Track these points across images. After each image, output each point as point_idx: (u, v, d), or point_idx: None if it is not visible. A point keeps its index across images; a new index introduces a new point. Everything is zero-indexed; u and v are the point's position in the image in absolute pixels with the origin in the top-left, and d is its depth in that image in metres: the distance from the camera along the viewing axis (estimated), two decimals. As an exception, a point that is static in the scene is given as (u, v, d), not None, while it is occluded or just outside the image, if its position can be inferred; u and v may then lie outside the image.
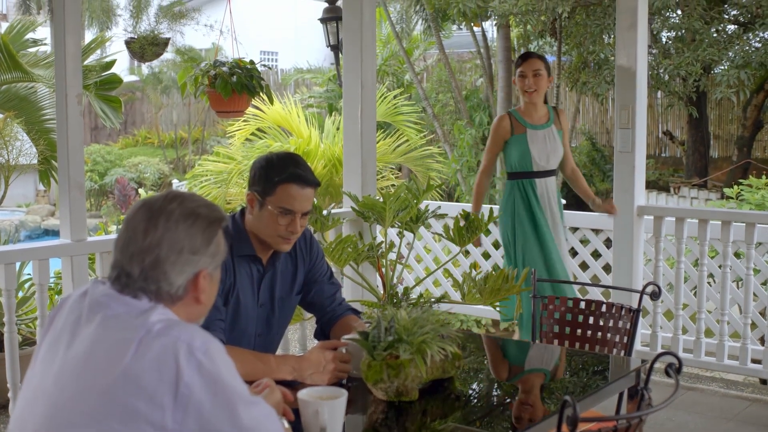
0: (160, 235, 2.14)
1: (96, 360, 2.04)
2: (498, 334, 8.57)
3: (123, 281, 2.15)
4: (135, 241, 2.15)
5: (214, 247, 2.22)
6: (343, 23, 6.09)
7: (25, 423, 2.10)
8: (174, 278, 2.15)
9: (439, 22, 13.07)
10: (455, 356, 2.99)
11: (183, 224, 2.17)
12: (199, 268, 2.19)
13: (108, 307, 2.12)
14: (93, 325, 2.10)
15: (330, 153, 9.92)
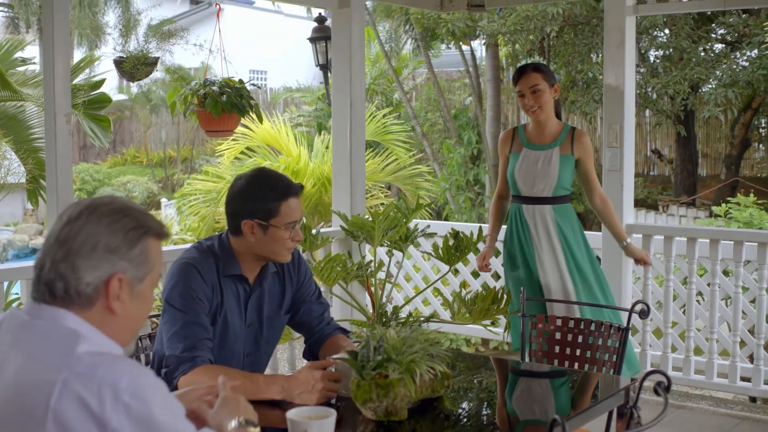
0: (79, 227, 1.98)
1: (22, 402, 1.87)
2: (487, 352, 8.57)
3: (35, 279, 2.00)
4: (54, 233, 2.00)
5: (138, 254, 2.02)
6: (332, 43, 6.10)
7: None
8: (83, 274, 1.96)
9: (428, 41, 13.12)
10: (444, 375, 2.98)
11: (106, 219, 2.00)
12: (114, 270, 1.98)
13: (28, 331, 1.96)
14: (17, 359, 1.94)
15: (319, 172, 9.92)
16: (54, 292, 1.96)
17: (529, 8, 10.40)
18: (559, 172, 5.06)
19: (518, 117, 13.55)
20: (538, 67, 5.14)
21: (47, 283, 1.97)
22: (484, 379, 3.47)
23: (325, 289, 5.69)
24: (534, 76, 5.08)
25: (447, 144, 13.66)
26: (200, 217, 10.61)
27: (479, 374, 3.54)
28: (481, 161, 13.58)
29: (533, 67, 5.14)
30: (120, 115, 21.99)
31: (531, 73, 5.09)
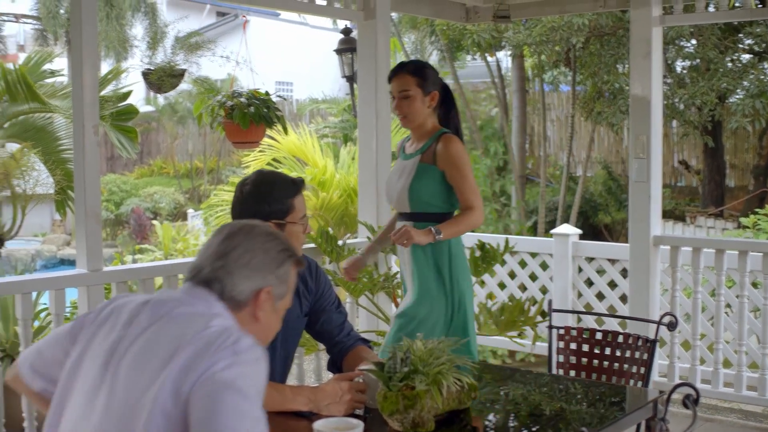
0: (238, 242, 2.29)
1: (154, 351, 2.09)
2: (514, 364, 8.53)
3: (193, 275, 2.28)
4: (213, 245, 2.31)
5: (284, 273, 2.33)
6: (358, 54, 6.12)
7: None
8: (239, 282, 2.25)
9: (454, 52, 13.12)
10: (471, 387, 2.97)
11: (261, 238, 2.32)
12: (265, 284, 2.28)
13: (172, 309, 2.19)
14: (155, 325, 2.16)
15: (345, 183, 9.93)
16: (212, 290, 2.24)
17: (554, 19, 10.38)
18: (413, 184, 4.33)
19: (544, 128, 13.52)
20: (416, 70, 4.37)
21: (206, 281, 2.25)
22: (510, 390, 3.46)
23: (352, 300, 5.69)
24: (406, 79, 4.34)
25: (473, 155, 13.64)
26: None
27: (506, 386, 3.52)
28: (507, 172, 13.56)
29: (412, 68, 4.39)
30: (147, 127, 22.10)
31: (404, 75, 4.35)
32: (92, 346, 2.21)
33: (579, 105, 12.04)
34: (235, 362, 2.02)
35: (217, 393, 1.98)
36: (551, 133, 15.49)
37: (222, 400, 1.97)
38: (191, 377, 2.01)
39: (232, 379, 2.00)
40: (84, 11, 4.46)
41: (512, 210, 13.16)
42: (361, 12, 5.94)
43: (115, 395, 2.08)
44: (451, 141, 4.32)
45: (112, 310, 2.28)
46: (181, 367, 2.02)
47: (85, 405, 2.12)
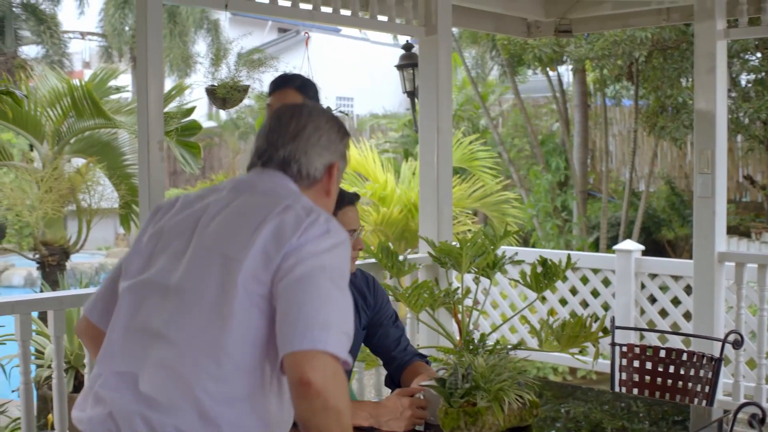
0: (305, 121, 2.33)
1: (245, 216, 2.17)
2: (575, 381, 8.46)
3: (264, 159, 2.32)
4: (280, 128, 2.34)
5: (344, 148, 2.40)
6: (419, 69, 6.13)
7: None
8: (314, 159, 2.31)
9: (515, 66, 13.08)
10: (533, 404, 2.95)
11: (324, 117, 2.37)
12: (335, 159, 2.36)
13: (254, 185, 2.28)
14: (238, 198, 2.23)
15: (406, 198, 9.94)
16: (285, 171, 2.30)
17: (617, 33, 10.31)
18: None
19: (606, 143, 13.41)
20: (302, 87, 3.88)
21: (281, 163, 2.30)
22: (571, 408, 3.43)
23: (412, 316, 5.69)
24: (291, 94, 3.82)
25: (534, 170, 13.58)
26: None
27: (567, 403, 3.50)
28: (568, 187, 13.48)
29: (298, 83, 3.88)
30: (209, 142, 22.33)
31: (288, 90, 3.85)
32: (167, 230, 2.27)
33: (642, 119, 11.93)
34: (329, 245, 2.09)
35: (309, 273, 2.02)
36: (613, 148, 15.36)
37: (313, 282, 2.01)
38: (283, 247, 2.07)
39: (324, 263, 2.05)
40: (149, 28, 4.53)
41: (574, 225, 13.06)
42: (423, 27, 5.96)
43: (200, 252, 2.16)
44: None
45: (182, 203, 2.34)
46: (272, 233, 2.09)
47: (168, 271, 2.19)
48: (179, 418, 2.01)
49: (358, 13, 5.57)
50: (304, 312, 1.97)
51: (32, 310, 4.48)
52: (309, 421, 1.91)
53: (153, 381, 2.06)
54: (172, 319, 2.10)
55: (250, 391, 2.05)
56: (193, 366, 2.03)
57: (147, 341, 2.12)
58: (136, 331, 2.16)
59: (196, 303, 2.09)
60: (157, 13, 4.57)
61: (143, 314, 2.16)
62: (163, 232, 2.26)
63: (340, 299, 2.04)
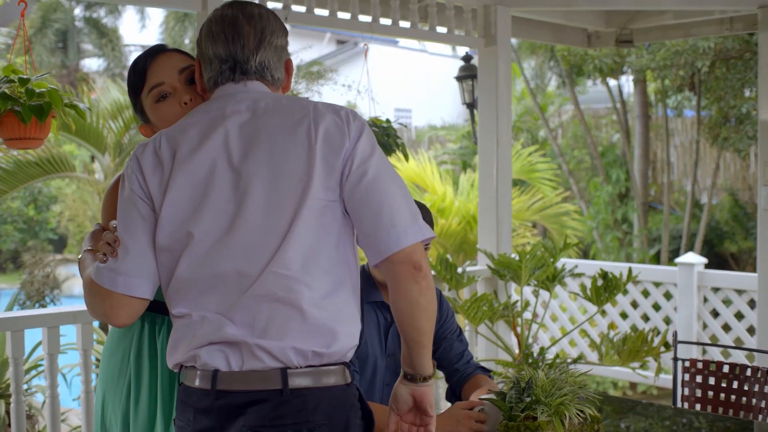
0: (263, 25, 2.36)
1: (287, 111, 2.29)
2: (635, 396, 8.37)
3: (241, 71, 2.35)
4: (242, 36, 2.34)
5: (287, 41, 2.44)
6: (479, 81, 6.12)
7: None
8: (277, 63, 2.39)
9: (574, 77, 13.01)
10: (594, 419, 2.91)
11: (271, 15, 2.39)
12: (287, 55, 2.43)
13: (261, 102, 2.31)
14: (261, 121, 2.28)
15: (464, 210, 9.92)
16: (264, 79, 2.37)
17: (678, 43, 10.21)
18: None
19: (668, 154, 13.28)
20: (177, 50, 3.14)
21: (256, 72, 2.35)
22: (632, 424, 3.38)
23: (471, 329, 5.67)
24: (172, 57, 3.49)
25: (594, 182, 13.48)
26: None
27: (627, 419, 3.45)
28: (629, 199, 13.36)
29: (160, 49, 3.06)
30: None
31: (166, 56, 3.40)
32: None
33: (704, 130, 11.79)
34: (371, 140, 2.28)
35: (377, 174, 2.23)
36: (675, 160, 15.18)
37: (384, 181, 2.24)
38: (340, 153, 2.22)
39: (378, 159, 2.26)
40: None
41: (634, 238, 12.93)
42: (482, 39, 5.94)
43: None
44: None
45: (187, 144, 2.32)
46: (323, 142, 2.22)
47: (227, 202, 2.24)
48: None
49: (417, 25, 5.57)
50: (395, 210, 2.21)
51: (93, 319, 4.54)
52: (419, 298, 2.22)
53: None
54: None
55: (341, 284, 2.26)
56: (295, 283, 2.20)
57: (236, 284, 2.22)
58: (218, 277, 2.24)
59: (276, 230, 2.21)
60: (217, 26, 4.61)
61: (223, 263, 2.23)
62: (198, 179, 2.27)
63: (402, 184, 2.29)
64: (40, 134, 3.50)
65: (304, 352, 2.18)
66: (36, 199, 16.70)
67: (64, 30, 18.50)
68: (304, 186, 2.19)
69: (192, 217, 2.22)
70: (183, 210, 2.23)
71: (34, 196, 16.65)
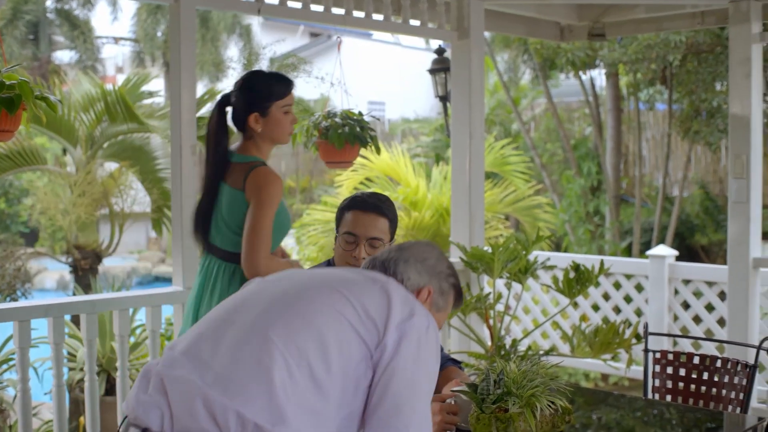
0: (417, 245, 2.65)
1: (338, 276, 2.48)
2: (607, 388, 8.41)
3: (370, 262, 2.61)
4: (395, 245, 2.66)
5: (447, 289, 2.63)
6: (452, 74, 6.12)
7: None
8: (410, 272, 2.56)
9: (547, 71, 13.04)
10: (565, 410, 2.93)
11: (438, 251, 2.66)
12: (429, 284, 2.58)
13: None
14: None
15: (437, 203, 9.92)
16: (387, 270, 2.55)
17: (650, 37, 10.25)
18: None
19: (639, 147, 13.34)
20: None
21: (383, 263, 2.57)
22: (603, 415, 3.40)
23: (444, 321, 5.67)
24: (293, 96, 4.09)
25: (566, 175, 13.52)
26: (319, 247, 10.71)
27: (599, 410, 3.47)
28: (601, 192, 13.41)
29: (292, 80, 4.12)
30: (242, 146, 22.39)
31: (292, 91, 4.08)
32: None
33: (675, 124, 11.85)
34: (420, 343, 2.32)
35: (408, 367, 2.28)
36: (646, 153, 15.25)
37: (413, 379, 2.29)
38: (381, 319, 2.31)
39: (416, 365, 2.31)
40: (182, 34, 4.56)
41: (606, 231, 12.98)
42: (455, 32, 5.95)
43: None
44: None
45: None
46: (372, 300, 2.34)
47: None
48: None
49: (391, 18, 5.57)
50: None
51: (65, 313, 4.52)
52: None
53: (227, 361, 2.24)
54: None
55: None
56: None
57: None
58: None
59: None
60: (190, 19, 4.59)
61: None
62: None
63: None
64: (11, 126, 3.49)
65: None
66: (7, 192, 16.56)
67: (36, 22, 18.33)
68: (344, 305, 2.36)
69: None
70: None
71: (5, 189, 16.52)
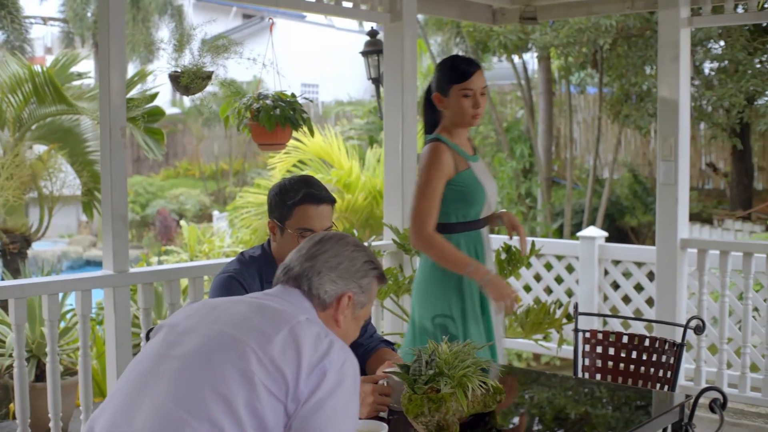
0: (328, 247, 2.47)
1: (247, 325, 2.24)
2: (539, 367, 8.51)
3: (284, 273, 2.45)
4: (304, 248, 2.48)
5: (367, 284, 2.50)
6: (384, 56, 6.11)
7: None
8: (325, 282, 2.42)
9: (480, 53, 13.09)
10: (496, 390, 2.96)
11: (350, 248, 2.49)
12: (348, 289, 2.44)
13: (267, 301, 2.36)
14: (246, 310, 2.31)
15: (371, 185, 9.94)
16: (300, 286, 2.41)
17: (581, 21, 10.34)
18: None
19: (571, 130, 13.47)
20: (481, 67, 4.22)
21: (295, 278, 2.42)
22: (535, 394, 3.44)
23: (377, 303, 5.69)
24: (482, 76, 4.17)
25: (499, 157, 13.61)
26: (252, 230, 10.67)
27: (530, 389, 3.51)
28: (532, 175, 13.53)
29: (478, 65, 4.20)
30: (173, 129, 22.19)
31: (481, 73, 4.16)
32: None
33: (606, 107, 11.99)
34: (338, 381, 2.19)
35: (324, 412, 2.15)
36: (578, 136, 15.43)
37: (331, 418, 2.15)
38: (292, 370, 2.14)
39: (336, 406, 2.17)
40: (112, 14, 4.49)
41: (538, 213, 13.11)
42: (388, 14, 5.94)
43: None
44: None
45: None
46: (280, 349, 2.16)
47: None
48: None
49: (323, 0, 5.55)
50: None
51: (-5, 298, 4.45)
52: None
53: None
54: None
55: None
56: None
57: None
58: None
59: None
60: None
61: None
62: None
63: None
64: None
65: None
66: (-69, 174, 16.23)
67: (-40, 1, 17.95)
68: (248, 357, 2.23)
69: None
70: None
71: (-71, 172, 16.18)
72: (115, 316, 4.60)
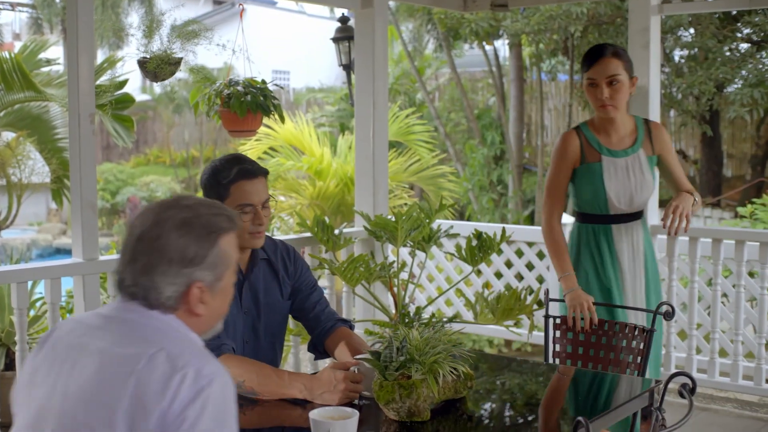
0: (149, 246, 2.07)
1: (106, 373, 1.99)
2: (510, 354, 8.54)
3: (119, 286, 2.12)
4: (127, 249, 2.10)
5: (214, 257, 2.10)
6: (355, 43, 6.09)
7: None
8: (163, 288, 2.06)
9: (451, 41, 13.09)
10: (467, 376, 2.97)
11: (176, 232, 2.08)
12: (192, 280, 2.08)
13: (118, 321, 2.10)
14: (103, 341, 2.06)
15: (342, 172, 9.92)
16: (137, 300, 2.09)
17: (552, 8, 10.36)
18: (653, 180, 4.40)
19: (542, 117, 13.50)
20: (620, 53, 4.19)
21: (131, 294, 2.09)
22: (506, 380, 3.45)
23: (348, 290, 5.69)
24: (614, 63, 4.12)
25: (470, 144, 13.63)
26: (223, 217, 10.62)
27: (502, 375, 3.52)
28: (504, 162, 13.56)
29: (613, 51, 4.17)
30: (143, 116, 22.07)
31: (611, 59, 4.13)
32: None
33: (577, 94, 12.02)
34: (203, 409, 1.93)
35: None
36: (549, 123, 15.46)
37: None
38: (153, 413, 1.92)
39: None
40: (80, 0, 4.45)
41: (509, 199, 13.14)
42: (359, 0, 5.92)
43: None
44: (661, 125, 4.50)
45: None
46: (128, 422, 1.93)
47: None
48: None
49: (293, -15, 5.51)
50: None
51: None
52: None
53: None
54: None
55: None
56: None
57: None
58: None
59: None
60: (87, -17, 4.48)
61: None
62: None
63: None
64: None
65: None
66: None
67: (-74, -14, 17.78)
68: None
69: None
70: None
71: None
72: (84, 304, 4.57)
